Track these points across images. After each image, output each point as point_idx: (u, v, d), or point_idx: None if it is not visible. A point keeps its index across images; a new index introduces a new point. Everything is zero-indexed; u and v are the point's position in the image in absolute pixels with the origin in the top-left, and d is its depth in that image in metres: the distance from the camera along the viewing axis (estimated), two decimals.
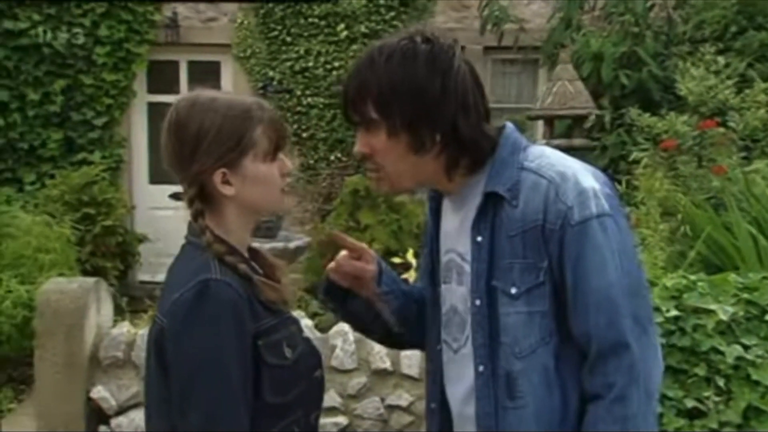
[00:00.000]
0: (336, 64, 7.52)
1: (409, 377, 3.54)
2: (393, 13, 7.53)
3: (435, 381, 1.50)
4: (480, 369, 1.35)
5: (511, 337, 1.32)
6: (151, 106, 7.57)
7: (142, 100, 7.61)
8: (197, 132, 1.32)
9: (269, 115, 1.38)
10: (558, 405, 1.31)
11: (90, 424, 3.67)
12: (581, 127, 5.30)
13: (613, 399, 1.24)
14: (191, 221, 1.38)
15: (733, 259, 3.47)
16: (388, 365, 3.56)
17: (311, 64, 7.53)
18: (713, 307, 2.80)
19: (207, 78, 7.37)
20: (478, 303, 1.35)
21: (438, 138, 1.32)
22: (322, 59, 7.53)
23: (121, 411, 3.63)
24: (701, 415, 2.71)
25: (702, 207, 3.84)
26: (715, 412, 2.71)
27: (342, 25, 7.46)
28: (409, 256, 4.23)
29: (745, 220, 3.54)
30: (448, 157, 1.34)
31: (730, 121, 4.54)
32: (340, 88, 1.43)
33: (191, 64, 7.71)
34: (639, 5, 6.04)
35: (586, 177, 1.31)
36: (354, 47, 7.44)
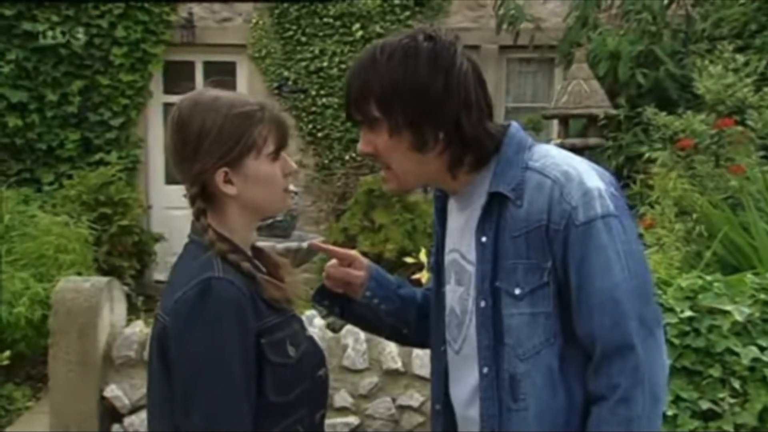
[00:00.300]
0: (351, 64, 7.50)
1: (421, 377, 3.52)
2: (408, 13, 7.52)
3: (439, 382, 1.49)
4: (484, 371, 1.34)
5: (515, 339, 1.30)
6: (167, 106, 7.59)
7: (158, 100, 7.65)
8: (199, 131, 1.32)
9: (272, 115, 1.38)
10: (562, 406, 1.29)
11: (103, 422, 3.68)
12: (596, 126, 5.25)
13: (618, 400, 1.22)
14: (194, 220, 1.38)
15: (751, 260, 3.42)
16: (399, 365, 3.54)
17: (326, 64, 7.54)
18: (729, 308, 2.76)
19: (222, 78, 7.42)
20: (483, 304, 1.33)
21: (441, 136, 1.31)
22: (336, 59, 7.53)
23: (134, 410, 3.64)
24: (716, 417, 2.68)
25: (719, 207, 3.79)
26: (731, 414, 2.67)
27: (357, 25, 7.47)
28: (422, 255, 4.21)
29: (763, 220, 3.50)
30: (451, 155, 1.33)
31: (748, 120, 4.48)
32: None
33: (207, 64, 7.75)
34: (656, 3, 5.98)
35: (591, 177, 1.29)
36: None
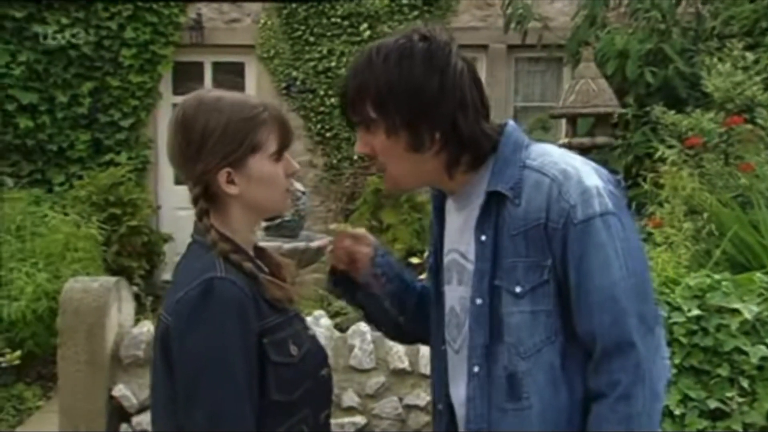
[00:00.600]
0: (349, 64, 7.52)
1: (428, 377, 3.48)
2: (416, 13, 7.52)
3: (440, 382, 1.49)
4: (475, 369, 1.33)
5: (515, 337, 1.29)
6: (177, 107, 7.61)
7: (167, 101, 7.67)
8: (203, 131, 1.32)
9: (275, 115, 1.38)
10: (565, 404, 1.28)
11: (111, 421, 3.70)
12: (604, 126, 5.23)
13: (618, 397, 1.22)
14: (196, 220, 1.38)
15: (760, 258, 3.40)
16: (406, 365, 3.54)
17: (334, 64, 7.55)
18: (737, 307, 2.75)
19: (231, 79, 7.44)
20: (479, 302, 1.33)
21: (437, 136, 1.31)
22: (345, 59, 7.54)
23: (142, 409, 3.65)
24: (724, 416, 2.67)
25: (728, 205, 3.77)
26: (739, 413, 2.66)
27: (365, 25, 7.47)
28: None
29: None
30: (448, 155, 1.33)
31: (757, 118, 4.45)
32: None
33: (216, 65, 7.78)
34: (665, 2, 5.94)
35: (589, 175, 1.29)
36: None
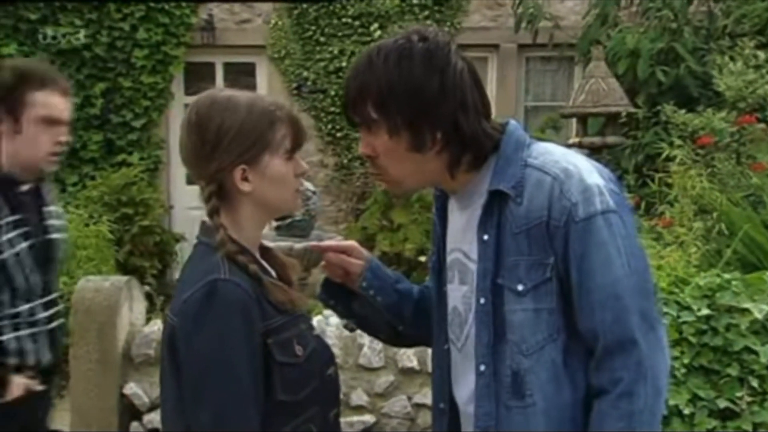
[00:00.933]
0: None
1: None
2: (426, 13, 7.52)
3: (444, 381, 1.49)
4: (481, 368, 1.34)
5: (518, 335, 1.30)
6: (189, 106, 7.64)
7: (179, 101, 7.71)
8: (218, 129, 1.34)
9: (288, 114, 1.39)
10: (568, 401, 1.29)
11: (123, 420, 3.72)
12: (615, 125, 5.21)
13: (620, 394, 1.22)
14: (203, 221, 1.39)
15: None
16: (415, 364, 3.54)
17: (345, 64, 7.55)
18: (747, 306, 2.73)
19: (242, 79, 7.47)
20: (482, 301, 1.34)
21: (439, 136, 1.31)
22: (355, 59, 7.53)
23: (153, 407, 3.66)
24: (734, 416, 2.65)
25: (739, 204, 3.75)
26: (749, 413, 2.64)
27: (375, 25, 7.47)
28: None
29: None
30: (449, 155, 1.34)
31: None
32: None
33: (227, 65, 7.81)
34: (677, 0, 5.91)
35: (591, 174, 1.29)
36: None
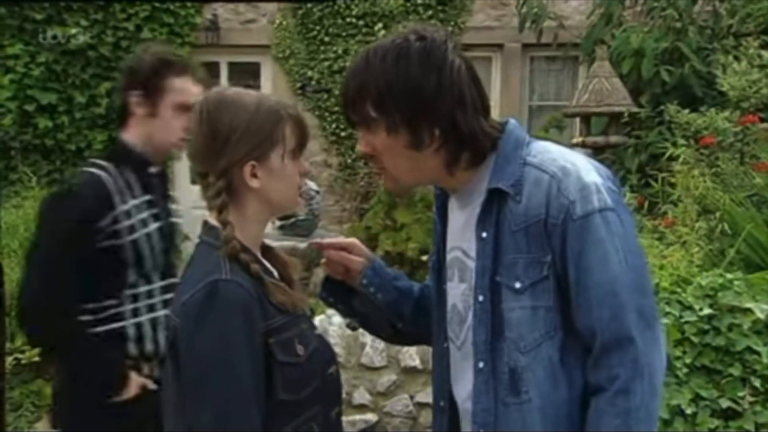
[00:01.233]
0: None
1: None
2: (430, 12, 7.52)
3: (443, 379, 1.50)
4: (480, 365, 1.35)
5: (516, 333, 1.31)
6: (196, 104, 7.63)
7: None
8: (230, 124, 1.35)
9: (292, 113, 1.41)
10: (564, 398, 1.30)
11: None
12: (618, 125, 5.21)
13: (617, 391, 1.23)
14: (205, 220, 1.40)
15: None
16: (417, 363, 3.55)
17: (349, 63, 7.54)
18: (750, 306, 2.73)
19: (247, 79, 7.48)
20: (481, 299, 1.35)
21: (437, 133, 1.32)
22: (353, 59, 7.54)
23: None
24: (736, 416, 2.65)
25: (743, 204, 3.75)
26: (751, 413, 2.64)
27: (379, 25, 7.48)
28: None
29: None
30: (448, 152, 1.35)
31: None
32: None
33: (231, 65, 7.82)
34: (682, 1, 5.90)
35: (588, 172, 1.30)
36: None
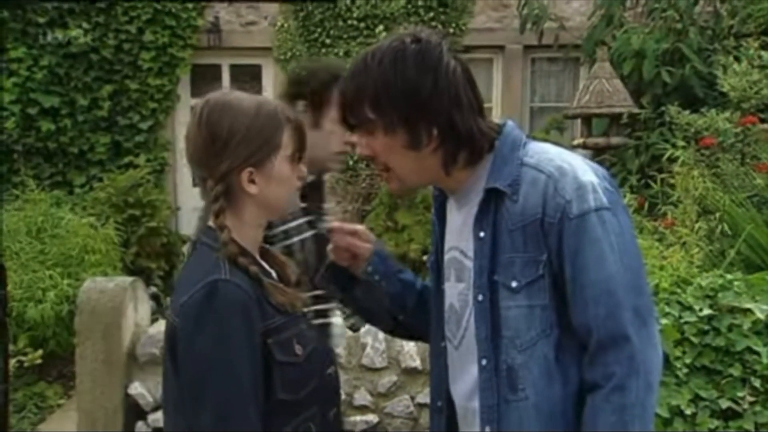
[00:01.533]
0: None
1: None
2: (432, 14, 7.51)
3: (441, 378, 1.51)
4: (483, 362, 1.36)
5: (513, 331, 1.32)
6: (196, 107, 7.65)
7: (185, 103, 7.73)
8: (228, 130, 1.35)
9: (294, 118, 1.41)
10: (559, 396, 1.31)
11: (128, 419, 3.75)
12: (619, 126, 5.21)
13: (612, 388, 1.24)
14: (203, 222, 1.41)
15: None
16: (418, 364, 3.55)
17: (348, 66, 7.55)
18: (749, 306, 2.73)
19: (248, 81, 7.50)
20: (480, 298, 1.36)
21: (435, 132, 1.34)
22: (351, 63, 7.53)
23: (158, 407, 3.69)
24: (736, 416, 2.65)
25: (743, 205, 3.75)
26: (751, 413, 2.64)
27: (381, 27, 7.47)
28: None
29: None
30: (445, 152, 1.36)
31: None
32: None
33: (233, 67, 7.83)
34: (682, 1, 5.90)
35: (585, 172, 1.32)
36: None
